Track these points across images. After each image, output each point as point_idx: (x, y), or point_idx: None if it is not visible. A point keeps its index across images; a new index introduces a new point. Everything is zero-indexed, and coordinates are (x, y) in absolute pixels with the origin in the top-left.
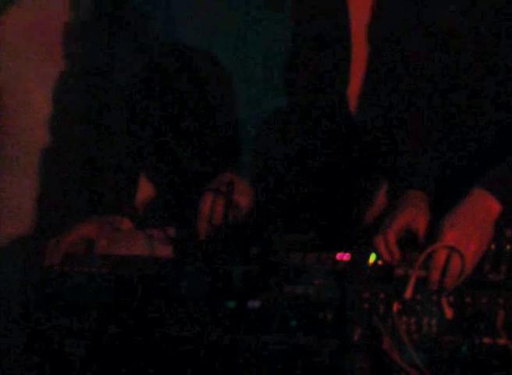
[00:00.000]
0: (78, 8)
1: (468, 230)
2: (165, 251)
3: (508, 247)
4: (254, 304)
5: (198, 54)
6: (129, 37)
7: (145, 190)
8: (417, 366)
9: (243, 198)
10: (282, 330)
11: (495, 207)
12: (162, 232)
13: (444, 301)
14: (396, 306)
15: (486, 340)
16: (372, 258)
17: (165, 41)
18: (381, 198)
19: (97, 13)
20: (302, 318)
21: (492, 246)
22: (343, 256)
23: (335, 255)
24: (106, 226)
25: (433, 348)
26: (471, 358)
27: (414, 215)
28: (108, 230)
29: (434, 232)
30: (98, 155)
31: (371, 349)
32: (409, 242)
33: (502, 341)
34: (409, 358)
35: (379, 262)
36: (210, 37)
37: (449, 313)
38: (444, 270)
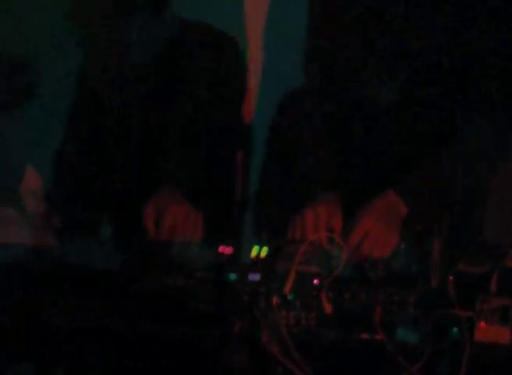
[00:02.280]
0: None
1: (382, 220)
2: (47, 238)
3: None
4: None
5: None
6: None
7: (31, 178)
8: (295, 359)
9: None
10: (163, 321)
11: (403, 209)
12: (46, 220)
13: (323, 296)
14: (275, 300)
15: (364, 335)
16: (255, 251)
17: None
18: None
19: None
20: (183, 309)
21: None
22: (225, 249)
23: (217, 248)
24: None
25: (311, 342)
26: (348, 353)
27: (334, 212)
28: None
29: (350, 219)
30: None
31: (250, 342)
32: None
33: (379, 337)
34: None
35: (261, 256)
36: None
37: (327, 308)
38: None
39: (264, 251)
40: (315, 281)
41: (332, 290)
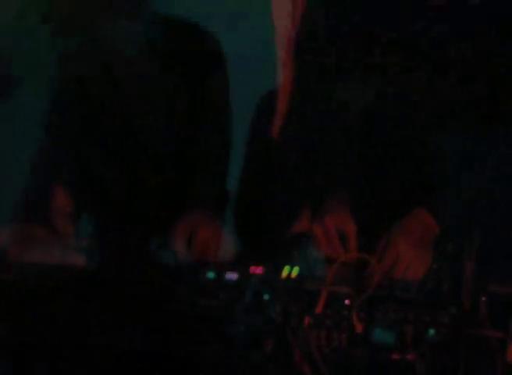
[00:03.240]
0: None
1: (415, 241)
2: (78, 259)
3: None
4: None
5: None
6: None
7: (60, 198)
8: None
9: None
10: (193, 341)
11: (435, 228)
12: (76, 241)
13: (354, 316)
14: (307, 320)
15: (395, 355)
16: (285, 271)
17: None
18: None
19: None
20: (214, 330)
21: None
22: (256, 269)
23: (248, 268)
24: (19, 234)
25: (343, 362)
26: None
27: (343, 218)
28: (21, 238)
29: (382, 242)
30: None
31: (282, 362)
32: None
33: (410, 357)
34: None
35: (292, 276)
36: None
37: (359, 328)
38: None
39: (296, 272)
40: (346, 301)
41: (363, 310)
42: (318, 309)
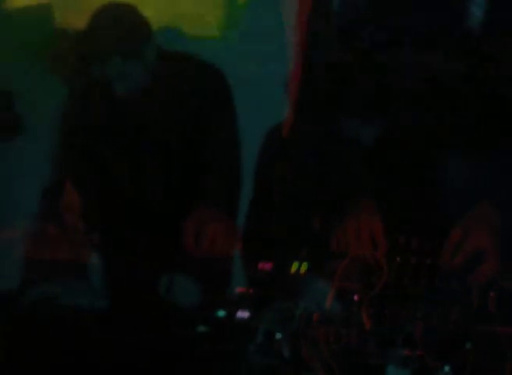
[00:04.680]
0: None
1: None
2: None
3: (429, 261)
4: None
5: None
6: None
7: (71, 196)
8: None
9: None
10: (199, 335)
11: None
12: (87, 238)
13: (364, 312)
14: (316, 316)
15: (404, 351)
16: (294, 267)
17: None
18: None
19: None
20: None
21: (412, 260)
22: (265, 265)
23: (257, 264)
24: (31, 232)
25: (351, 358)
26: (387, 368)
27: (375, 220)
28: (33, 235)
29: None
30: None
31: (291, 358)
32: None
33: (419, 353)
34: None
35: (301, 272)
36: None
37: (368, 324)
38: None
39: (304, 267)
40: (356, 297)
41: (373, 306)
42: (327, 305)
